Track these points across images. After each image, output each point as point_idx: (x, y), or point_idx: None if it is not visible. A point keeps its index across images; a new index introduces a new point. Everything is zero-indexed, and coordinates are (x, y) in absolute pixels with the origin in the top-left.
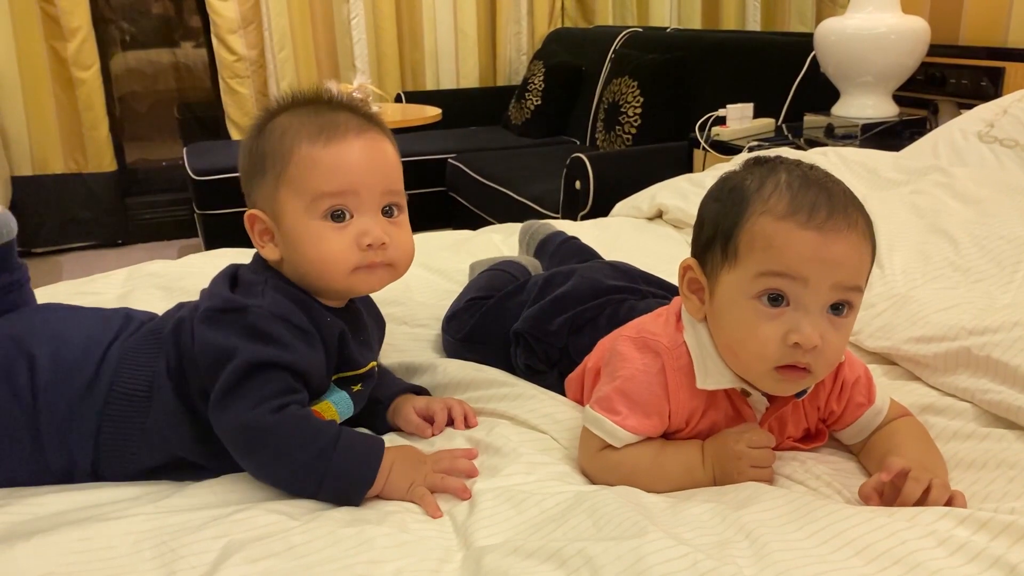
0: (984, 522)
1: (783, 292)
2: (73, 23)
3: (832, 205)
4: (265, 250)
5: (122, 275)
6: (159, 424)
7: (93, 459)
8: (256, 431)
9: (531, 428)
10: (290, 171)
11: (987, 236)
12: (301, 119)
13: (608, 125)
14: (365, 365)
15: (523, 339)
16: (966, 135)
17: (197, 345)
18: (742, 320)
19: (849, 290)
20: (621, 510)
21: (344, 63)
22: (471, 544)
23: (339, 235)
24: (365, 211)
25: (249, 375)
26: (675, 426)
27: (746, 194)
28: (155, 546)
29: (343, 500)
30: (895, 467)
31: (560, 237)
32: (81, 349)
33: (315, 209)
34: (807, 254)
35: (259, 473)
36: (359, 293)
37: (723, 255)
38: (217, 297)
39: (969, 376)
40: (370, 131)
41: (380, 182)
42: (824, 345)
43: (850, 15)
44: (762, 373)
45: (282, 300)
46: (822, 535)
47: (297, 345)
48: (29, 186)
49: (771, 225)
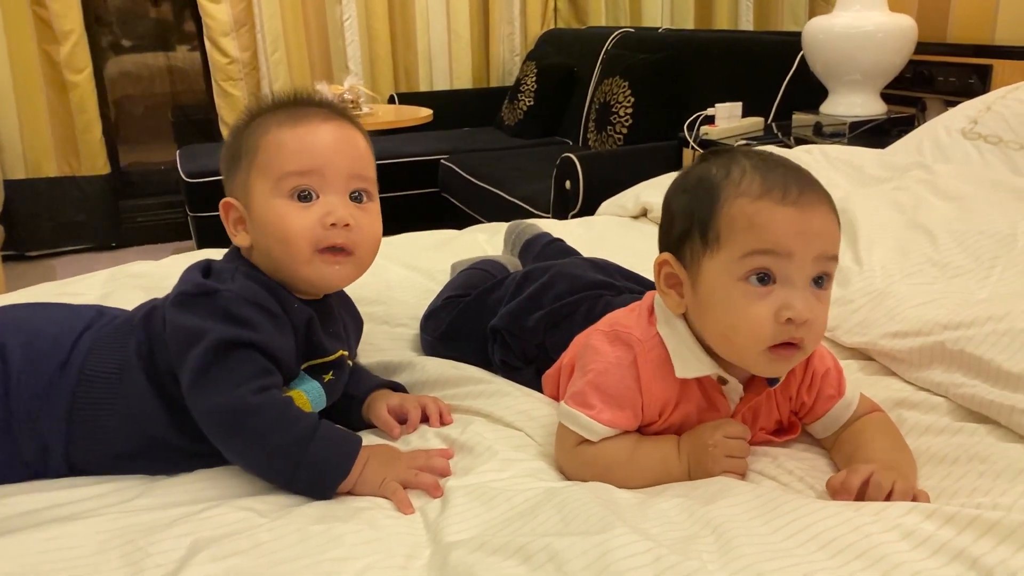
0: (950, 516)
1: (770, 270)
2: (65, 26)
3: (800, 182)
4: (237, 237)
5: (104, 276)
6: (131, 405)
7: (66, 443)
8: (237, 412)
9: (506, 425)
10: (259, 156)
11: (966, 232)
12: (275, 112)
13: (600, 125)
14: (334, 353)
15: (500, 335)
16: (950, 132)
17: (168, 328)
18: (732, 303)
19: (829, 260)
20: (589, 506)
21: (337, 65)
22: (440, 540)
23: (304, 213)
24: (331, 192)
25: (221, 355)
26: (648, 418)
27: (715, 181)
28: (122, 544)
29: (316, 491)
30: (858, 477)
31: (545, 239)
32: (52, 337)
33: (281, 189)
34: (790, 229)
35: (235, 456)
36: (324, 286)
37: (703, 243)
38: (188, 283)
39: (943, 371)
40: (340, 119)
41: (347, 165)
42: (813, 318)
43: (838, 13)
44: (756, 355)
45: (252, 285)
46: (788, 529)
47: (267, 327)
48: (22, 189)
49: (750, 206)
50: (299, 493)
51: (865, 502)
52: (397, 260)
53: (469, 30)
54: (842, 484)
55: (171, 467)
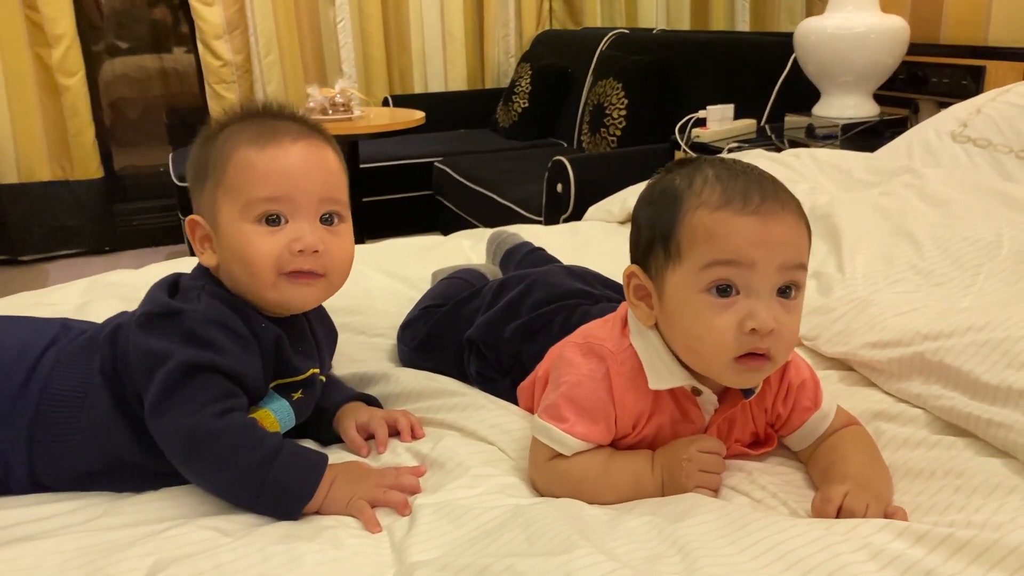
0: (921, 535)
1: (731, 281)
2: (57, 30)
3: (763, 190)
4: (204, 256)
5: (83, 285)
6: (95, 424)
7: (28, 461)
8: (197, 436)
9: (479, 439)
10: (227, 176)
11: (950, 238)
12: (243, 126)
13: (593, 127)
14: (304, 372)
15: (475, 346)
16: (940, 135)
17: (132, 349)
18: (695, 315)
19: (794, 269)
20: (556, 524)
21: (331, 67)
22: (404, 560)
23: (270, 238)
24: (301, 217)
25: (185, 379)
26: (622, 431)
27: (678, 192)
28: (82, 565)
29: (281, 513)
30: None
31: (526, 248)
32: (13, 355)
33: (249, 213)
34: (749, 238)
35: (198, 480)
36: (292, 307)
37: (665, 255)
38: (153, 302)
39: (922, 382)
40: (311, 137)
41: (318, 188)
42: (780, 328)
43: (830, 15)
44: (723, 366)
45: (217, 305)
46: (755, 549)
47: (232, 349)
48: (15, 194)
49: (709, 216)
50: (264, 515)
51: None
52: (378, 267)
53: (463, 31)
54: (818, 511)
55: (137, 485)
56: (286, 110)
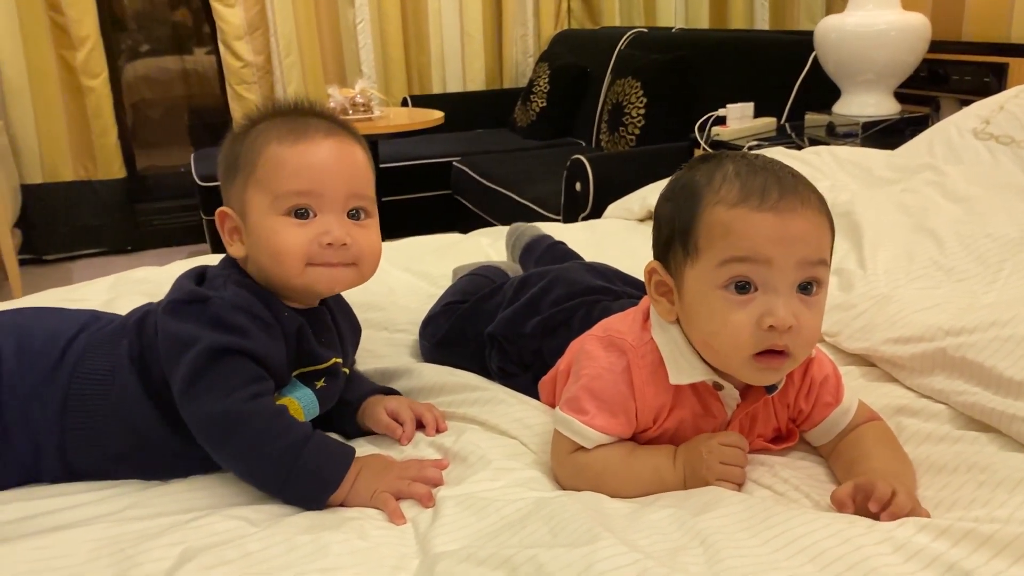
0: (944, 528)
1: (749, 278)
2: (82, 32)
3: (782, 186)
4: (232, 248)
5: (109, 281)
6: (123, 405)
7: (59, 443)
8: (229, 421)
9: (501, 433)
10: (258, 170)
11: (973, 235)
12: (275, 123)
13: (612, 126)
14: (327, 360)
15: (497, 342)
16: (961, 132)
17: (159, 335)
18: (713, 312)
19: (815, 265)
20: (578, 517)
21: (350, 68)
22: (428, 551)
23: (300, 230)
24: (329, 211)
25: (213, 362)
26: (642, 424)
27: (697, 189)
28: (112, 554)
29: (307, 500)
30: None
31: (546, 242)
32: (45, 339)
33: (279, 206)
34: (766, 234)
35: (227, 463)
36: (320, 292)
37: (684, 251)
38: (180, 290)
39: (945, 378)
40: (340, 135)
41: (346, 184)
42: (799, 325)
43: (850, 12)
44: (741, 363)
45: (243, 293)
46: (777, 541)
47: (257, 333)
48: (39, 194)
49: (726, 213)
50: (290, 502)
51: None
52: (400, 265)
53: (482, 32)
54: (841, 498)
55: (164, 469)
56: (316, 107)
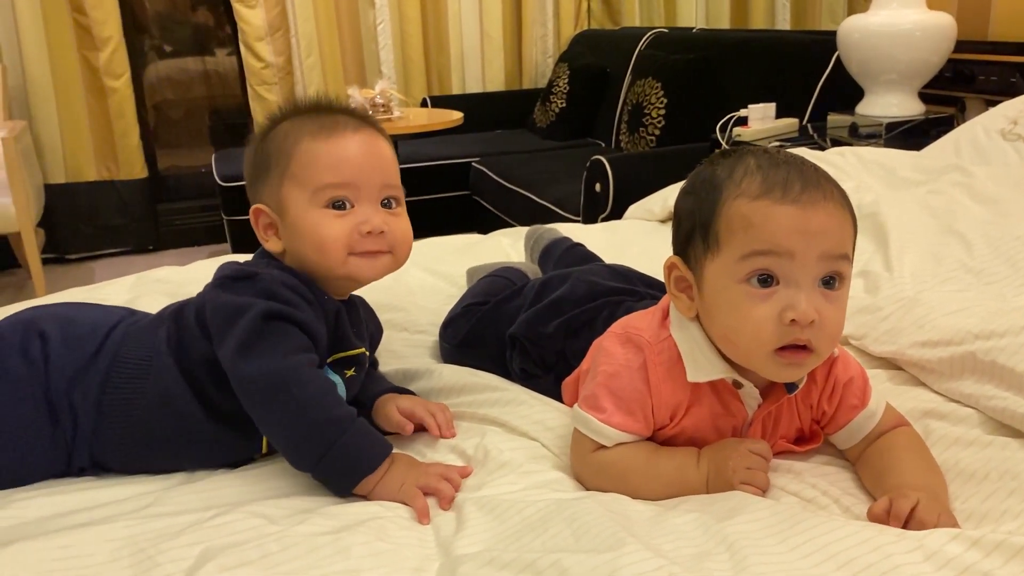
0: (976, 540)
1: (771, 271)
2: (105, 33)
3: (804, 179)
4: (269, 243)
5: (131, 280)
6: (160, 389)
7: (95, 427)
8: (284, 379)
9: (522, 435)
10: (293, 166)
11: (1002, 237)
12: (302, 120)
13: (632, 127)
14: (358, 348)
15: (518, 343)
16: (988, 133)
17: (209, 308)
18: (733, 306)
19: (837, 259)
20: (601, 520)
21: (371, 69)
22: (450, 553)
23: (340, 221)
24: (365, 202)
25: (268, 325)
26: (659, 421)
27: (718, 182)
28: (133, 553)
29: (340, 479)
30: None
31: (565, 244)
32: (88, 327)
33: (318, 199)
34: (788, 227)
35: (271, 428)
36: (362, 279)
37: (704, 245)
38: (229, 268)
39: (974, 382)
40: (366, 129)
41: (378, 175)
42: (822, 319)
43: (874, 12)
44: (763, 358)
45: (285, 274)
46: (805, 548)
47: (305, 308)
48: (62, 194)
49: (747, 206)
50: (321, 478)
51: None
52: (420, 265)
53: (501, 32)
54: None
55: (197, 456)
56: (336, 104)
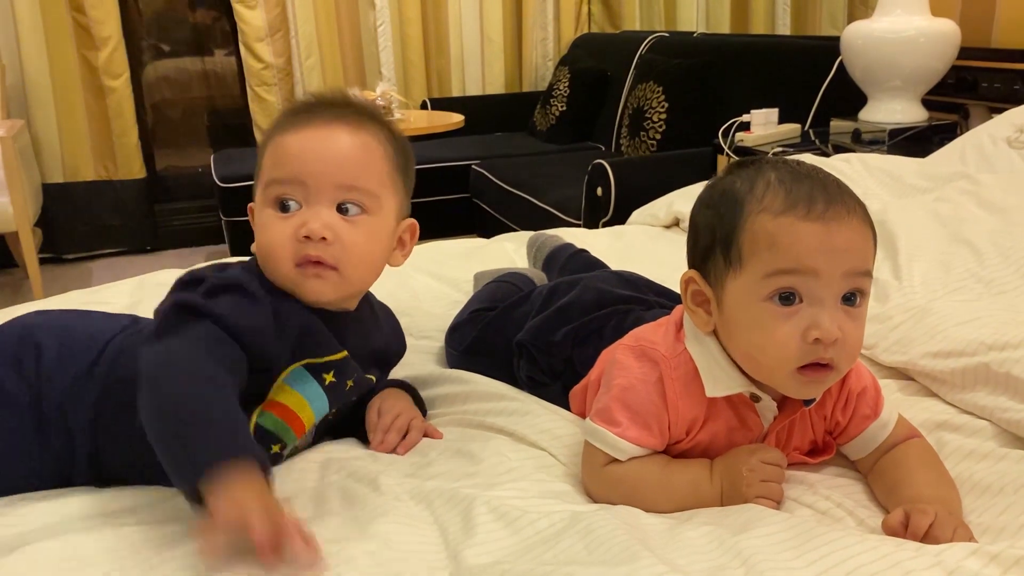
0: (995, 555)
1: (795, 289)
2: (104, 32)
3: (828, 195)
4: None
5: (132, 284)
6: None
7: (92, 440)
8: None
9: (530, 444)
10: (262, 162)
11: (1012, 246)
12: (290, 112)
13: (633, 131)
14: (335, 353)
15: (526, 350)
16: (995, 141)
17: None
18: (757, 324)
19: (860, 276)
20: (615, 533)
21: (370, 70)
22: (460, 562)
23: (282, 224)
24: (313, 203)
25: (176, 315)
26: (675, 436)
27: (738, 196)
28: (137, 563)
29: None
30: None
31: (569, 250)
32: (85, 339)
33: (266, 198)
34: (814, 246)
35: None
36: (307, 300)
37: (726, 262)
38: (187, 273)
39: (988, 393)
40: (349, 121)
41: (334, 173)
42: (844, 336)
43: (878, 18)
44: (785, 376)
45: (243, 273)
46: (822, 563)
47: (236, 306)
48: (60, 193)
49: (771, 222)
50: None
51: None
52: (423, 269)
53: (502, 35)
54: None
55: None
56: (339, 97)
